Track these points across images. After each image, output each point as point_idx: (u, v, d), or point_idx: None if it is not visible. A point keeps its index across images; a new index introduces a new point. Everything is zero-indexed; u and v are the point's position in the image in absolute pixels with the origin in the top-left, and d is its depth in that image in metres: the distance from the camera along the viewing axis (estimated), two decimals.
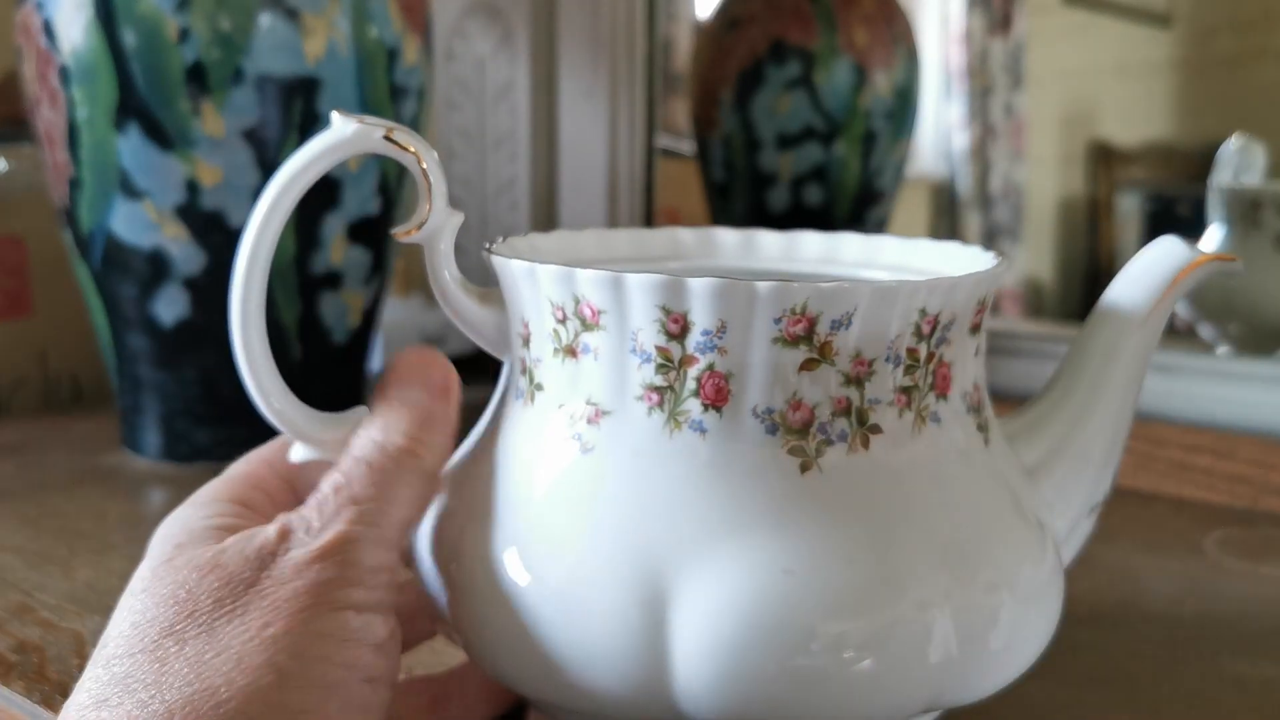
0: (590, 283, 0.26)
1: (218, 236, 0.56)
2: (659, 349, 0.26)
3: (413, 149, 0.29)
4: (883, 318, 0.26)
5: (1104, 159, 0.99)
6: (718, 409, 0.26)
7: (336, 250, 0.59)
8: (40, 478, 0.59)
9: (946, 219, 1.02)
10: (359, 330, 0.63)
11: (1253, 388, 0.62)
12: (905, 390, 0.27)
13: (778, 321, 0.25)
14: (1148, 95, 0.96)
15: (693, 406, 0.26)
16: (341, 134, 0.28)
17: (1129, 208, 0.99)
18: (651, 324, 0.26)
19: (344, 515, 0.26)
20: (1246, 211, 0.72)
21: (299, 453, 0.30)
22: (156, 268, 0.57)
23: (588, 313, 0.27)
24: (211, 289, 0.57)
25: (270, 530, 0.26)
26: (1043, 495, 0.30)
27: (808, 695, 0.25)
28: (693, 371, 0.26)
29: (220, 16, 0.53)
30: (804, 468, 0.26)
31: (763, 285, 0.25)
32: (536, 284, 0.27)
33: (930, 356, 0.27)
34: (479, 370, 0.84)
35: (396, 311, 0.78)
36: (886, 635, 0.25)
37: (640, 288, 0.26)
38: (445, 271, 0.30)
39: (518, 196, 0.85)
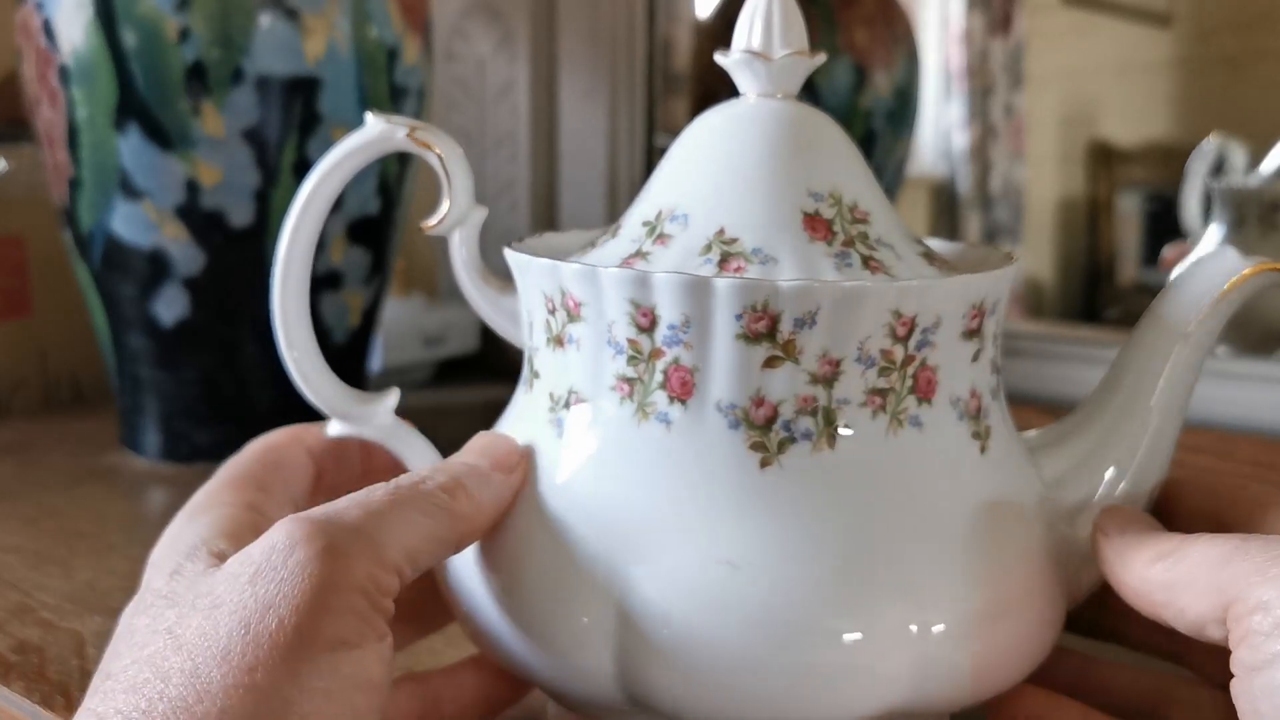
0: (571, 276, 0.27)
1: (218, 236, 0.56)
2: (630, 341, 0.27)
3: (436, 148, 0.30)
4: (850, 318, 0.25)
5: (1104, 159, 0.99)
6: (683, 402, 0.26)
7: (336, 250, 0.59)
8: (40, 478, 0.59)
9: (946, 219, 1.02)
10: (359, 330, 0.63)
11: (1253, 388, 0.62)
12: (880, 392, 0.26)
13: (739, 318, 0.25)
14: (1148, 95, 0.96)
15: (659, 398, 0.26)
16: (368, 133, 0.30)
17: (1129, 208, 0.99)
18: (623, 317, 0.26)
19: (334, 532, 0.24)
20: (1265, 213, 0.72)
21: (335, 428, 0.32)
22: (156, 268, 0.57)
23: (571, 304, 0.27)
24: (211, 289, 0.57)
25: (253, 549, 0.24)
26: (1062, 510, 0.29)
27: (744, 689, 0.25)
28: (660, 364, 0.26)
29: (220, 16, 0.53)
30: (764, 463, 0.26)
31: (720, 281, 0.25)
32: (533, 276, 0.29)
33: (909, 359, 0.26)
34: (480, 370, 0.84)
35: (396, 311, 0.78)
36: (829, 637, 0.25)
37: (612, 281, 0.26)
38: (465, 264, 0.32)
39: (518, 196, 0.85)
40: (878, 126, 0.80)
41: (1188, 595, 0.25)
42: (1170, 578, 0.25)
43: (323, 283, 0.59)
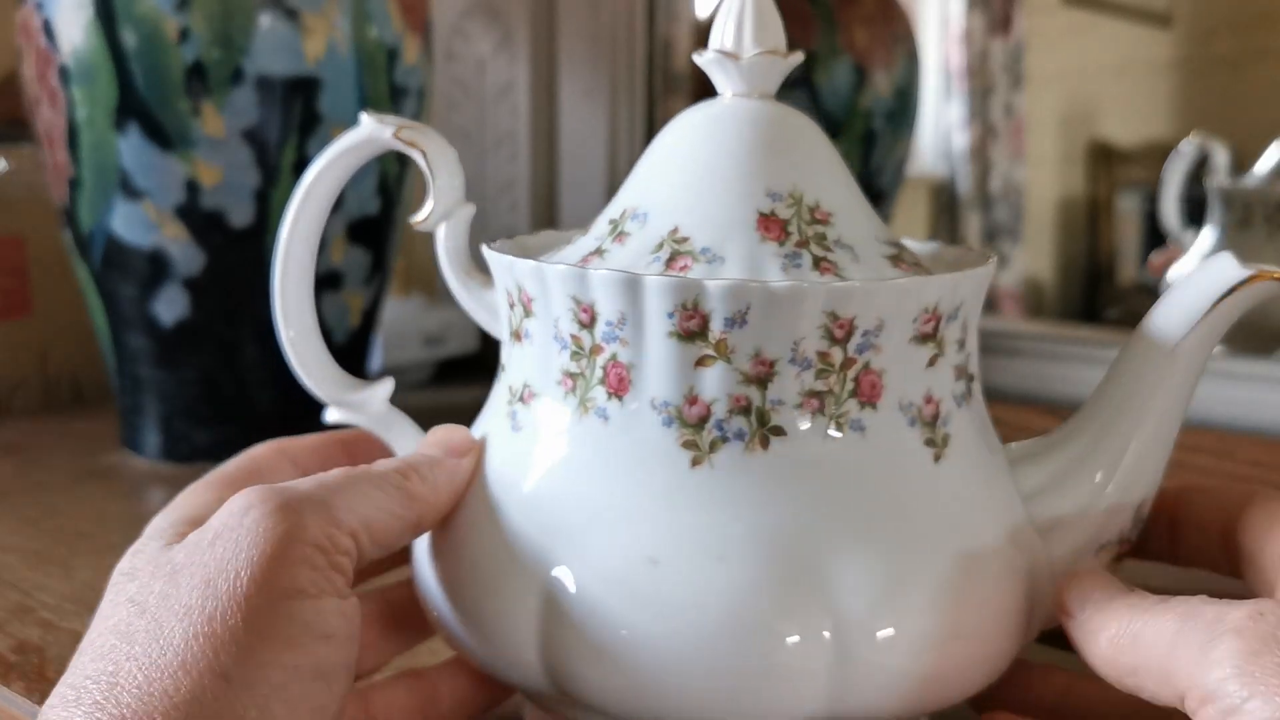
0: (525, 272, 0.28)
1: (217, 236, 0.56)
2: (573, 337, 0.27)
3: (421, 145, 0.31)
4: (782, 319, 0.25)
5: (1104, 159, 0.99)
6: (619, 398, 0.26)
7: (336, 250, 0.59)
8: (40, 478, 0.59)
9: (946, 219, 1.02)
10: (359, 330, 0.63)
11: (1252, 388, 0.62)
12: (817, 394, 0.26)
13: (671, 316, 0.25)
14: (1148, 95, 0.96)
15: (599, 394, 0.27)
16: (360, 133, 0.31)
17: (1129, 208, 0.99)
18: (567, 313, 0.27)
19: (288, 496, 0.25)
20: (1271, 213, 0.72)
21: (331, 415, 0.33)
22: (156, 268, 0.57)
23: (525, 300, 0.28)
24: (211, 289, 0.57)
25: (213, 519, 0.25)
26: (1039, 523, 0.28)
27: (660, 686, 0.25)
28: (600, 360, 0.27)
29: (220, 16, 0.53)
30: (695, 462, 0.26)
31: (651, 279, 0.25)
32: (499, 272, 0.29)
33: (849, 362, 0.26)
34: (480, 370, 0.84)
35: (396, 311, 0.78)
36: (745, 638, 0.25)
37: (555, 278, 0.27)
38: (450, 259, 0.32)
39: (518, 196, 0.85)
40: (878, 126, 0.80)
41: (1149, 681, 0.24)
42: (1132, 661, 0.24)
43: (323, 283, 0.59)
